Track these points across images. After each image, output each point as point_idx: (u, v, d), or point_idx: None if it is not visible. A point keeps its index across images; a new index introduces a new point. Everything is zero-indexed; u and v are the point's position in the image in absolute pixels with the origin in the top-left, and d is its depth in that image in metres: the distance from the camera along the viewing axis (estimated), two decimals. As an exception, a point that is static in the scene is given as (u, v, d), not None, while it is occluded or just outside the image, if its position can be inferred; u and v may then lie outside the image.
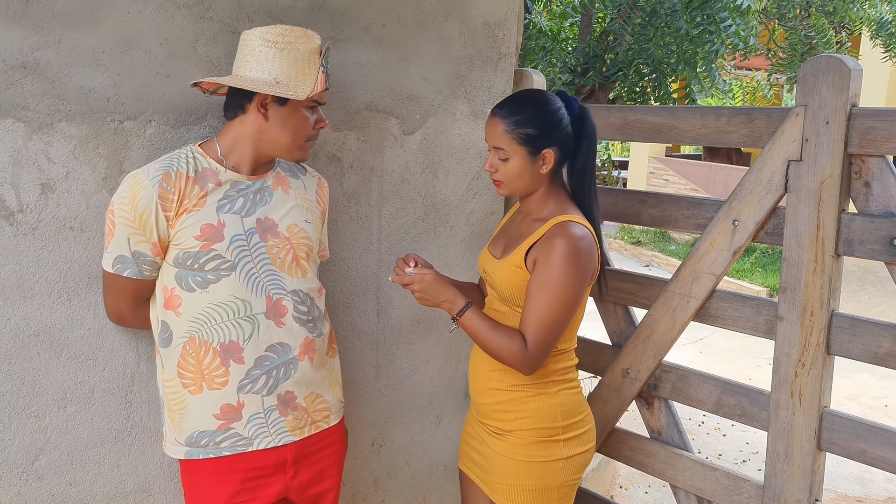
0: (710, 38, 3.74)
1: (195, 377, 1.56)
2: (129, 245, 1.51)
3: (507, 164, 1.72)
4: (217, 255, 1.54)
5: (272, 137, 1.57)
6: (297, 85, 1.51)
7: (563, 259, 1.64)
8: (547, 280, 1.65)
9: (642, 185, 13.44)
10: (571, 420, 1.79)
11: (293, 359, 1.62)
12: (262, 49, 1.51)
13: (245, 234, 1.57)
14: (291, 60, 1.51)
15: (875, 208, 1.72)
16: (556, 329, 1.67)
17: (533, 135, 1.69)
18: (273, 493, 1.63)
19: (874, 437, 1.74)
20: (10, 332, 1.57)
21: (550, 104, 1.72)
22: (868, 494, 3.94)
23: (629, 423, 2.48)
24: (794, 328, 1.83)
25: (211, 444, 1.59)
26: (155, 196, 1.50)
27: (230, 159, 1.59)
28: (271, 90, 1.49)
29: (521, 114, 1.70)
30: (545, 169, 1.72)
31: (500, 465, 1.79)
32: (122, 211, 1.51)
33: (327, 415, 1.73)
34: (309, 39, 1.54)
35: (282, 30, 1.52)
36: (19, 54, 1.50)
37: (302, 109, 1.56)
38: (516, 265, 1.72)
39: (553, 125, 1.71)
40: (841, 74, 1.71)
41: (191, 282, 1.54)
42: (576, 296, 1.67)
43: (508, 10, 2.29)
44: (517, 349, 1.66)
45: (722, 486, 2.03)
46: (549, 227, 1.70)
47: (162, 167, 1.53)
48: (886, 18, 5.21)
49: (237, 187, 1.59)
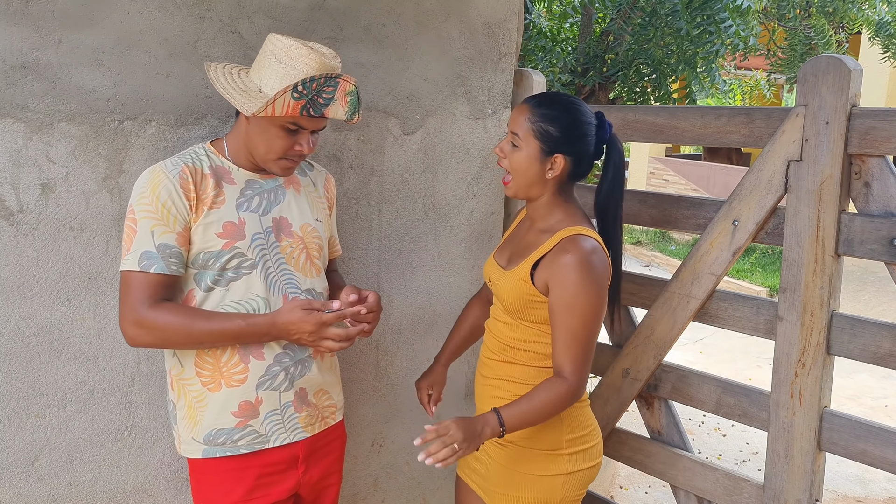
0: (710, 38, 3.74)
1: (213, 374, 1.57)
2: (154, 238, 1.49)
3: (516, 154, 1.67)
4: (240, 254, 1.55)
5: (252, 144, 1.56)
6: (264, 99, 1.48)
7: (579, 277, 1.59)
8: (570, 301, 1.60)
9: (642, 185, 13.44)
10: (577, 434, 1.74)
11: (308, 356, 1.64)
12: (268, 57, 1.52)
13: (263, 232, 1.59)
14: (281, 76, 1.49)
15: (875, 208, 1.72)
16: (590, 346, 1.64)
17: (552, 134, 1.64)
18: (286, 489, 1.65)
19: (874, 437, 1.74)
20: (10, 332, 1.57)
21: (582, 115, 1.67)
22: (868, 494, 3.94)
23: (629, 423, 2.48)
24: (794, 328, 1.83)
25: (228, 441, 1.59)
26: (175, 184, 1.49)
27: (237, 159, 1.60)
28: (226, 93, 1.50)
29: (550, 109, 1.66)
30: (551, 174, 1.67)
31: (500, 474, 1.76)
32: (143, 205, 1.49)
33: (333, 411, 1.75)
34: (312, 63, 1.47)
35: (289, 44, 1.48)
36: (19, 54, 1.50)
37: (276, 127, 1.51)
38: (522, 278, 1.67)
39: (576, 135, 1.66)
40: (841, 74, 1.71)
41: (209, 281, 1.55)
42: (600, 310, 1.63)
43: (508, 10, 2.29)
44: (562, 391, 1.61)
45: (722, 486, 2.03)
46: (557, 241, 1.65)
47: (179, 161, 1.53)
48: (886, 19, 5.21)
49: (252, 186, 1.60)
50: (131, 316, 1.48)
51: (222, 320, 1.52)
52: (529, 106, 1.68)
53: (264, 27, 1.80)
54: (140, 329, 1.48)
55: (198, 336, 1.50)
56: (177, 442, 1.65)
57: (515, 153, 1.68)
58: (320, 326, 1.50)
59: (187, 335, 1.50)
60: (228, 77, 1.55)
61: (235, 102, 1.49)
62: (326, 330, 1.51)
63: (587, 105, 1.74)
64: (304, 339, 1.53)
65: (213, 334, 1.51)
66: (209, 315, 1.52)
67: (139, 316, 1.47)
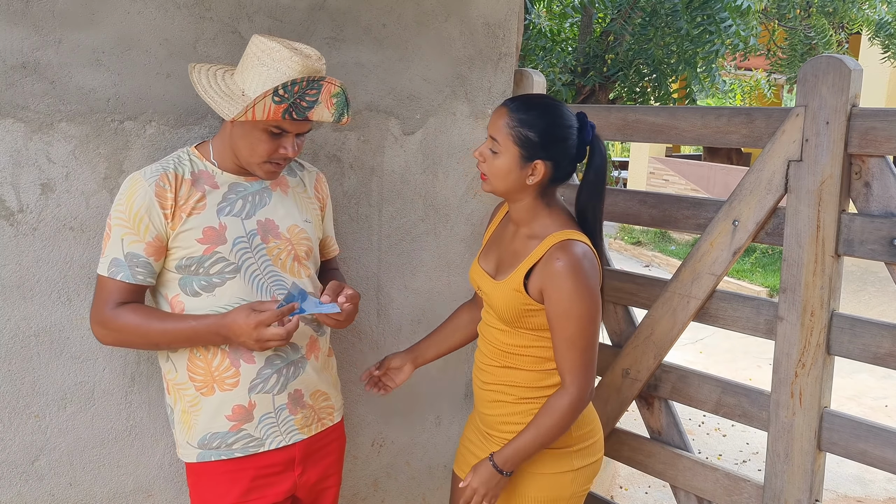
0: (711, 38, 3.75)
1: (206, 379, 1.57)
2: (123, 246, 1.50)
3: (496, 160, 1.63)
4: (221, 258, 1.54)
5: (236, 147, 1.55)
6: (245, 102, 1.46)
7: (573, 284, 1.58)
8: (566, 309, 1.59)
9: (642, 186, 13.44)
10: (582, 431, 1.75)
11: (301, 357, 1.63)
12: (251, 58, 1.50)
13: (247, 236, 1.57)
14: (263, 78, 1.47)
15: (875, 208, 1.72)
16: (590, 351, 1.63)
17: (532, 139, 1.60)
18: (282, 491, 1.64)
19: (874, 437, 1.74)
20: (10, 332, 1.57)
21: (562, 118, 1.63)
22: (868, 495, 3.94)
23: (629, 424, 2.48)
24: (795, 328, 1.83)
25: (223, 445, 1.59)
26: (150, 194, 1.49)
27: (222, 163, 1.59)
28: (207, 97, 1.49)
29: (528, 113, 1.61)
30: (532, 180, 1.63)
31: None
32: (118, 212, 1.51)
33: (331, 412, 1.75)
34: (294, 65, 1.45)
35: (272, 46, 1.46)
36: (19, 54, 1.50)
37: (259, 131, 1.49)
38: (516, 289, 1.64)
39: (555, 139, 1.62)
40: (841, 75, 1.71)
41: (195, 286, 1.54)
42: (596, 314, 1.62)
43: (508, 10, 2.29)
44: (565, 405, 1.62)
45: (722, 486, 2.03)
46: (547, 248, 1.63)
47: (159, 168, 1.53)
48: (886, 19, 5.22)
49: (235, 189, 1.59)
50: (96, 316, 1.53)
51: (175, 321, 1.52)
52: (508, 110, 1.63)
53: (264, 27, 1.80)
54: (103, 329, 1.53)
55: (153, 337, 1.51)
56: (176, 447, 1.66)
57: (495, 159, 1.63)
58: (257, 326, 1.46)
59: (144, 336, 1.51)
60: (212, 79, 1.53)
61: (216, 106, 1.47)
62: (264, 331, 1.46)
63: (568, 108, 1.69)
64: (247, 342, 1.48)
65: (166, 334, 1.51)
66: (164, 316, 1.53)
67: (102, 316, 1.52)
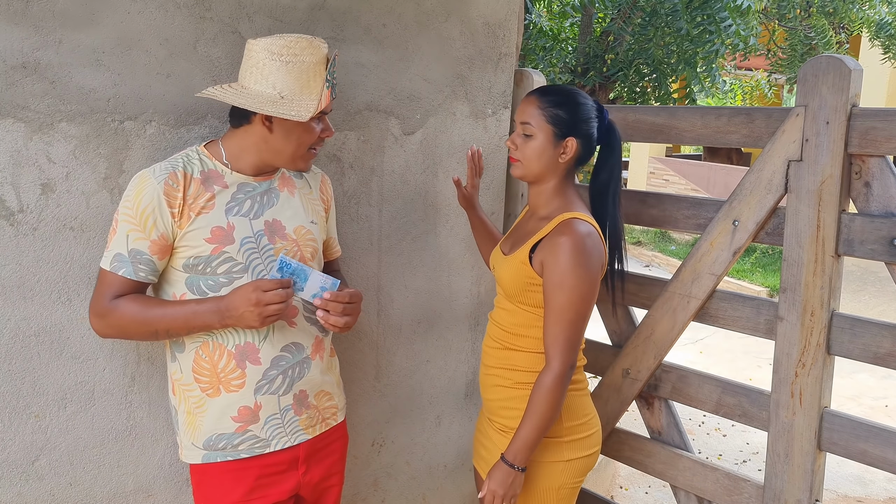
0: (711, 38, 3.74)
1: (211, 380, 1.57)
2: (128, 242, 1.50)
3: (530, 142, 1.74)
4: (229, 258, 1.54)
5: (276, 148, 1.56)
6: (301, 100, 1.49)
7: (571, 257, 1.64)
8: (560, 280, 1.65)
9: (642, 186, 13.44)
10: (575, 422, 1.78)
11: (306, 358, 1.64)
12: (266, 62, 1.50)
13: (254, 236, 1.58)
14: (296, 74, 1.49)
15: (875, 208, 1.72)
16: (576, 327, 1.67)
17: (563, 118, 1.72)
18: (286, 490, 1.65)
19: (874, 437, 1.74)
20: (10, 332, 1.57)
21: (586, 101, 1.77)
22: (868, 494, 3.94)
23: (629, 423, 2.48)
24: (795, 328, 1.83)
25: (228, 446, 1.59)
26: (159, 192, 1.49)
27: (235, 164, 1.59)
28: (275, 110, 1.47)
29: (556, 96, 1.75)
30: (564, 158, 1.74)
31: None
32: (125, 209, 1.51)
33: (335, 412, 1.75)
34: (315, 50, 1.51)
35: (287, 42, 1.49)
36: (20, 54, 1.50)
37: (305, 121, 1.53)
38: (521, 261, 1.73)
39: (583, 118, 1.75)
40: (841, 75, 1.71)
41: (203, 286, 1.54)
42: (590, 292, 1.67)
43: (508, 10, 2.29)
44: (549, 381, 1.66)
45: (722, 486, 2.03)
46: (554, 225, 1.71)
47: (169, 166, 1.53)
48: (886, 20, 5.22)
49: (244, 189, 1.59)
50: (95, 307, 1.53)
51: (174, 306, 1.52)
52: (536, 96, 1.76)
53: (265, 27, 1.80)
54: (101, 320, 1.53)
55: (152, 322, 1.50)
56: (179, 449, 1.66)
57: (529, 142, 1.75)
58: (256, 290, 1.46)
59: (142, 323, 1.51)
60: (237, 95, 1.52)
61: (284, 115, 1.46)
62: (263, 294, 1.46)
63: (586, 94, 1.83)
64: (246, 313, 1.47)
65: (164, 318, 1.50)
66: (163, 302, 1.54)
67: (101, 307, 1.52)
